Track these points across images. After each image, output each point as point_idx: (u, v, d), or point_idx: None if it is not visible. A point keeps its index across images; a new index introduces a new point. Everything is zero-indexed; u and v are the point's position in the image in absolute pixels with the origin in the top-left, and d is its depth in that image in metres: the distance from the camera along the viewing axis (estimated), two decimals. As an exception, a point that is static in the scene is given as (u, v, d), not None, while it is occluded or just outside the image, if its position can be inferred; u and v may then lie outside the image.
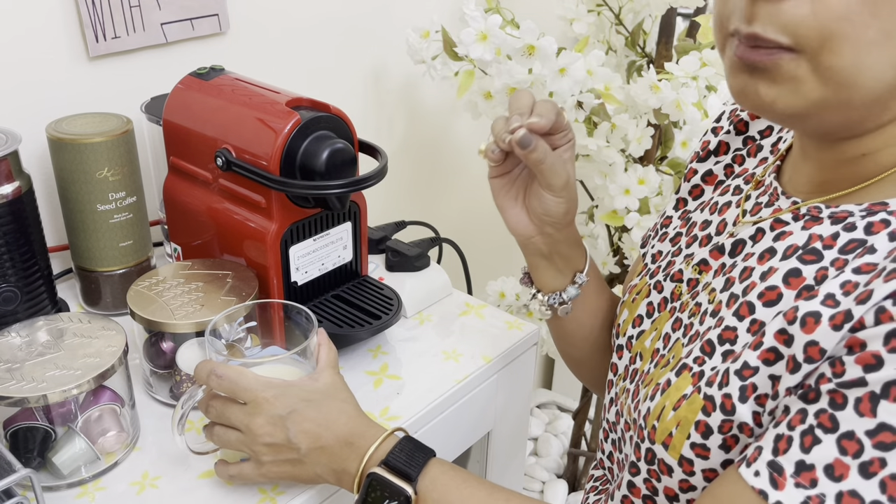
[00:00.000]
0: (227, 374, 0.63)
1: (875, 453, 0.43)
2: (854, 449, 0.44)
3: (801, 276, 0.51)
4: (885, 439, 0.43)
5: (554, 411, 1.89)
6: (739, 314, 0.54)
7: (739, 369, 0.51)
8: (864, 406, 0.43)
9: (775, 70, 0.48)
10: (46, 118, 0.85)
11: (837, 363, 0.45)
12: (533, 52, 0.99)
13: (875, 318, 0.44)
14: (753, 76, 0.49)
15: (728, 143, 0.70)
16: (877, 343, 0.44)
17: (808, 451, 0.45)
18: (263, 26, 1.08)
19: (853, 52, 0.45)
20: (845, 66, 0.46)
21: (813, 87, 0.47)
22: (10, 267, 0.78)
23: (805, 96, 0.48)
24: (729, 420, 0.51)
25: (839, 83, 0.46)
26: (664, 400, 0.56)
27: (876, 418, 0.43)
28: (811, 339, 0.47)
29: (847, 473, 0.43)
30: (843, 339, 0.46)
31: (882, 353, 0.43)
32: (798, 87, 0.48)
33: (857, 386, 0.44)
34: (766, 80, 0.49)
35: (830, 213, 0.53)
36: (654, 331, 0.65)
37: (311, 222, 0.81)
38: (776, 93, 0.49)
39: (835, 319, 0.46)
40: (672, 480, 0.56)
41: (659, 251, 0.70)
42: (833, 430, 0.45)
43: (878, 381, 0.43)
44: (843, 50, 0.45)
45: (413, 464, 0.60)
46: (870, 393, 0.43)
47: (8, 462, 0.59)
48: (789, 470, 0.46)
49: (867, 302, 0.45)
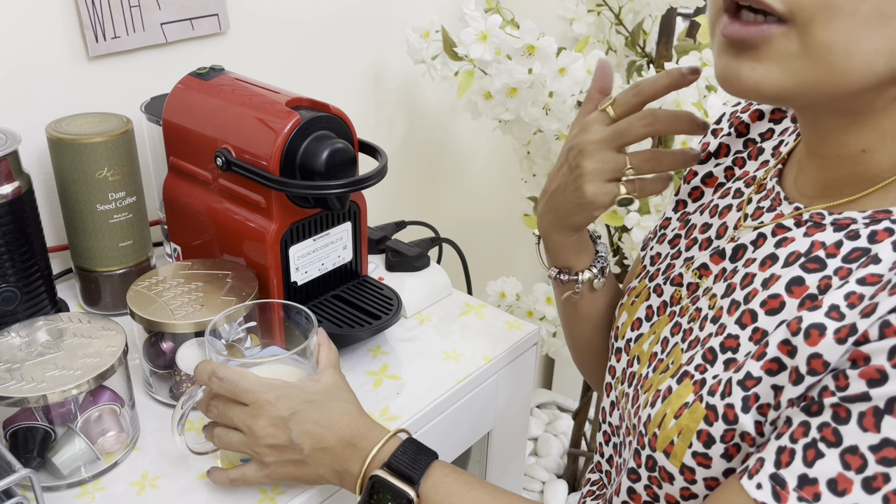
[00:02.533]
0: (229, 376, 0.63)
1: (879, 468, 0.43)
2: (857, 464, 0.43)
3: (804, 284, 0.51)
4: (888, 455, 0.42)
5: (554, 411, 1.89)
6: (742, 322, 0.54)
7: (742, 379, 0.51)
8: (868, 421, 0.43)
9: (764, 46, 0.47)
10: (46, 118, 0.85)
11: (841, 376, 0.45)
12: (533, 52, 0.99)
13: (880, 332, 0.44)
14: (739, 56, 0.48)
15: (728, 146, 0.69)
16: (881, 357, 0.43)
17: (811, 464, 0.45)
18: (263, 26, 1.08)
19: (846, 27, 0.44)
20: (835, 42, 0.45)
21: (800, 65, 0.46)
22: (10, 267, 0.78)
23: (793, 74, 0.47)
24: (731, 429, 0.51)
25: (827, 62, 0.45)
26: (665, 407, 0.56)
27: (880, 433, 0.43)
28: (815, 351, 0.47)
29: (850, 488, 0.43)
30: (848, 353, 0.45)
31: (886, 367, 0.43)
32: (786, 63, 0.46)
33: (861, 401, 0.44)
34: (751, 59, 0.47)
35: (833, 220, 0.52)
36: (653, 335, 0.65)
37: (311, 222, 0.81)
38: (760, 73, 0.47)
39: (839, 333, 0.46)
40: (673, 488, 0.55)
41: (658, 253, 0.70)
42: (836, 445, 0.44)
43: (882, 397, 0.43)
44: (836, 24, 0.44)
45: (415, 466, 0.60)
46: (873, 408, 0.43)
47: (8, 462, 0.59)
48: (792, 484, 0.45)
49: (872, 315, 0.44)
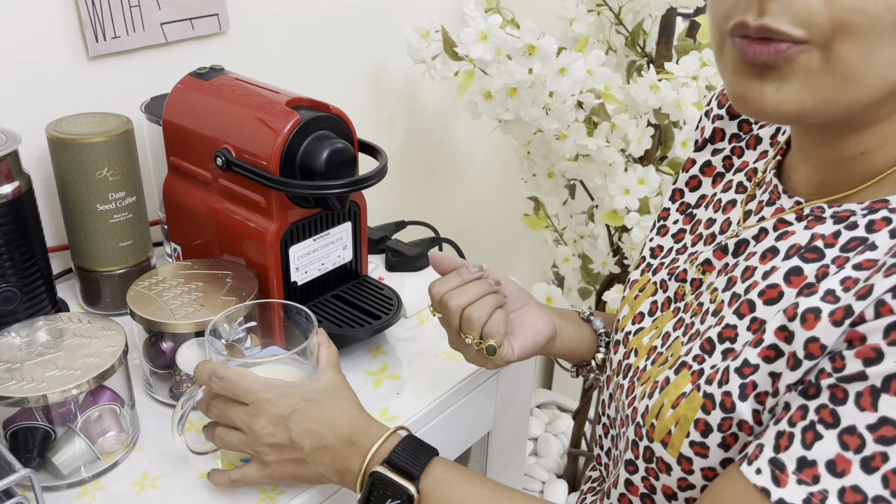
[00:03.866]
0: (229, 376, 0.63)
1: (877, 448, 0.43)
2: (855, 444, 0.43)
3: (802, 274, 0.51)
4: (886, 433, 0.42)
5: (554, 411, 1.89)
6: (740, 312, 0.54)
7: (739, 367, 0.51)
8: (865, 400, 0.43)
9: (787, 66, 0.46)
10: (46, 118, 0.85)
11: (837, 357, 0.45)
12: (533, 52, 0.99)
13: (875, 311, 0.44)
14: (762, 78, 0.48)
15: (723, 130, 0.69)
16: (877, 336, 0.43)
17: (810, 447, 0.45)
18: (263, 26, 1.08)
19: (865, 44, 0.44)
20: (854, 59, 0.45)
21: (821, 81, 0.46)
22: (10, 267, 0.78)
23: (813, 91, 0.47)
24: (729, 418, 0.51)
25: (846, 77, 0.46)
26: (663, 398, 0.56)
27: (877, 412, 0.43)
28: (812, 335, 0.47)
29: (849, 469, 0.43)
30: (844, 334, 0.46)
31: (882, 346, 0.43)
32: (809, 80, 0.46)
33: (858, 380, 0.44)
34: (776, 80, 0.47)
35: (833, 213, 0.52)
36: (655, 329, 0.65)
37: (310, 222, 0.81)
38: (784, 93, 0.47)
39: (835, 315, 0.46)
40: (671, 479, 0.55)
41: (659, 246, 0.70)
42: (834, 426, 0.44)
43: (879, 375, 0.43)
44: (855, 41, 0.44)
45: (416, 462, 0.60)
46: (870, 387, 0.43)
47: (8, 462, 0.59)
48: (791, 467, 0.45)
49: (867, 297, 0.45)
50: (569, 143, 1.08)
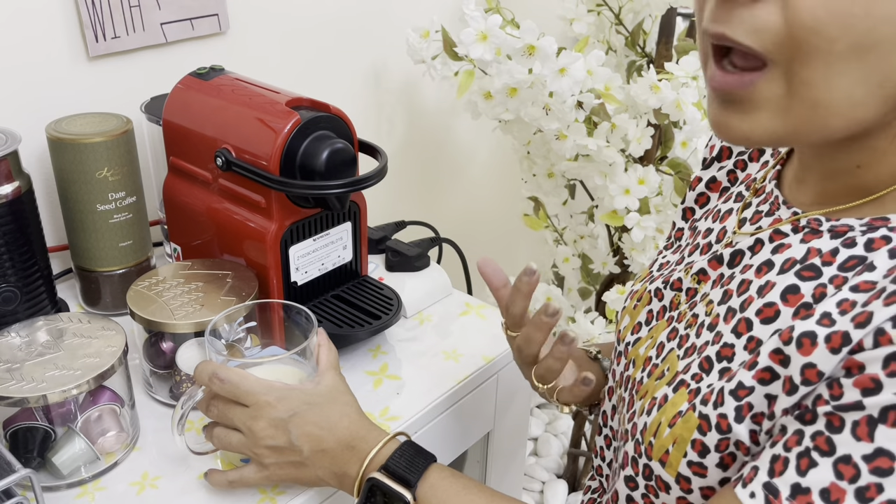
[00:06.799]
0: (230, 378, 0.63)
1: (872, 479, 0.42)
2: (850, 473, 0.43)
3: (798, 292, 0.51)
4: (882, 465, 0.42)
5: (554, 411, 1.89)
6: (737, 331, 0.53)
7: (734, 389, 0.51)
8: (862, 430, 0.43)
9: (748, 97, 0.47)
10: (46, 118, 0.85)
11: (835, 385, 0.45)
12: (533, 52, 0.99)
13: (874, 340, 0.43)
14: (726, 109, 0.48)
15: (731, 148, 0.69)
16: (875, 366, 0.43)
17: (804, 473, 0.45)
18: (263, 26, 1.08)
19: (823, 65, 0.44)
20: (816, 81, 0.44)
21: (788, 107, 0.46)
22: (10, 267, 0.78)
23: (784, 119, 0.46)
24: (725, 439, 0.51)
25: (812, 101, 0.45)
26: (660, 416, 0.55)
27: (873, 443, 0.42)
28: (808, 360, 0.46)
29: (843, 498, 0.43)
30: (842, 361, 0.45)
31: (881, 376, 0.43)
32: (775, 109, 0.46)
33: (855, 409, 0.43)
34: (738, 112, 0.48)
35: (830, 227, 0.52)
36: (650, 339, 0.64)
37: (310, 222, 0.81)
38: (749, 124, 0.47)
39: (832, 342, 0.45)
40: (670, 497, 0.55)
41: (668, 261, 0.70)
42: (829, 454, 0.44)
43: (876, 406, 0.42)
44: (813, 63, 0.44)
45: (413, 469, 0.60)
46: (867, 417, 0.43)
47: (8, 462, 0.59)
48: (785, 493, 0.45)
49: (866, 325, 0.44)
50: (569, 143, 1.08)
